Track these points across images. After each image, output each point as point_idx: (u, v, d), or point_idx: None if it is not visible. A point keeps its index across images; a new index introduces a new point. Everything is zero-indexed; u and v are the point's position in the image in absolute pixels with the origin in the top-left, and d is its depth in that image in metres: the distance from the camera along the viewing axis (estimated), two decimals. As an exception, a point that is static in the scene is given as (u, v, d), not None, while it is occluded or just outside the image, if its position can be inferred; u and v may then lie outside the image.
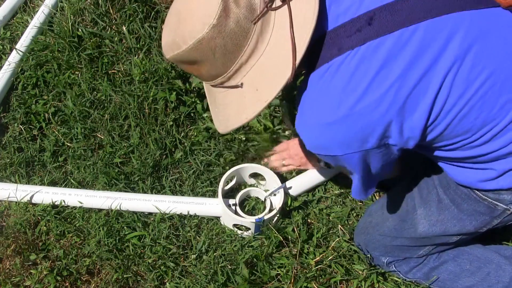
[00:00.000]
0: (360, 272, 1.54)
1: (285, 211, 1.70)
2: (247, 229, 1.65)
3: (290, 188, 1.70)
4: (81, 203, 1.73)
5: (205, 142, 1.88)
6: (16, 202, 1.76)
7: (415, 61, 1.01)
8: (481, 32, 1.03)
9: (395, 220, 1.45)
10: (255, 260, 1.57)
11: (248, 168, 1.73)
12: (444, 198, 1.35)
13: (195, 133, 1.91)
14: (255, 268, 1.57)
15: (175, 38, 1.04)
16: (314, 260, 1.55)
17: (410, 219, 1.41)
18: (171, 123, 1.90)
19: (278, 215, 1.65)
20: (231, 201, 1.68)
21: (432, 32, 1.02)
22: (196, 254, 1.63)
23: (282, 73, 1.04)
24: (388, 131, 1.06)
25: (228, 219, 1.65)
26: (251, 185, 1.77)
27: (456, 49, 1.01)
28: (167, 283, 1.59)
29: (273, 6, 1.05)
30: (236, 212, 1.65)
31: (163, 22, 2.13)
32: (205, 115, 1.94)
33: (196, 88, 1.95)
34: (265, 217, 1.59)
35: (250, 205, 1.74)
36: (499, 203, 1.22)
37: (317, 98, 1.09)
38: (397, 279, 1.54)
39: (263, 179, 1.76)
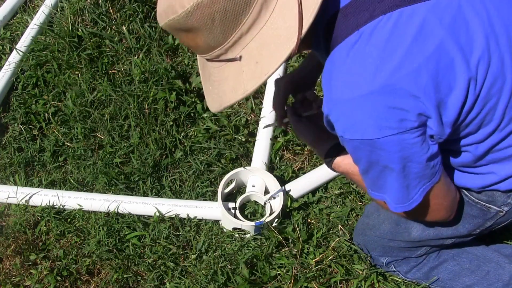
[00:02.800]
0: (360, 272, 1.54)
1: (285, 212, 1.69)
2: (247, 232, 1.65)
3: (289, 191, 1.70)
4: (80, 205, 1.73)
5: (205, 142, 1.89)
6: (16, 204, 1.76)
7: (452, 33, 0.95)
8: (510, 12, 1.00)
9: (390, 224, 1.44)
10: (255, 260, 1.57)
11: (247, 171, 1.73)
12: None
13: (195, 133, 1.91)
14: (255, 268, 1.57)
15: (172, 2, 0.96)
16: (314, 260, 1.55)
17: (404, 223, 1.40)
18: (171, 123, 1.90)
19: (277, 218, 1.65)
20: (231, 205, 1.68)
21: (468, 8, 0.97)
22: (196, 254, 1.63)
23: (286, 44, 0.96)
24: (427, 108, 0.97)
25: (228, 222, 1.65)
26: (251, 190, 1.74)
27: (491, 31, 0.98)
28: (167, 283, 1.59)
29: None
30: (235, 216, 1.65)
31: None
32: (205, 115, 1.94)
33: (196, 88, 1.96)
34: (265, 221, 1.60)
35: (250, 209, 1.74)
36: (492, 206, 1.22)
37: (349, 69, 0.99)
38: (397, 279, 1.54)
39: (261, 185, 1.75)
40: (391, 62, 0.95)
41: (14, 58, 2.11)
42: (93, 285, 1.62)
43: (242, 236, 1.65)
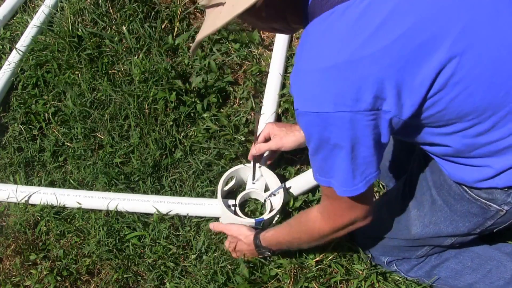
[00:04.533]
0: (360, 272, 1.54)
1: (286, 211, 1.69)
2: None
3: (290, 188, 1.70)
4: (79, 204, 1.73)
5: (205, 142, 1.88)
6: (15, 203, 1.76)
7: (424, 21, 0.97)
8: (493, 11, 1.01)
9: (390, 222, 1.44)
10: (255, 259, 1.57)
11: (247, 168, 1.73)
12: (438, 199, 1.35)
13: (195, 133, 1.91)
14: (255, 268, 1.57)
15: None
16: (314, 260, 1.55)
17: (404, 221, 1.41)
18: (171, 123, 1.90)
19: (278, 216, 1.65)
20: (231, 202, 1.68)
21: None
22: (196, 254, 1.63)
23: None
24: (385, 90, 1.00)
25: (228, 220, 1.64)
26: (251, 187, 1.73)
27: (468, 21, 0.98)
28: (167, 283, 1.59)
29: None
30: (235, 213, 1.64)
31: (163, 22, 2.14)
32: (205, 115, 1.93)
33: (196, 88, 1.96)
34: (265, 218, 1.59)
35: (250, 207, 1.74)
36: (492, 204, 1.21)
37: (317, 41, 1.04)
38: (398, 278, 1.54)
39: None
40: (357, 40, 0.98)
41: (14, 58, 2.11)
42: (93, 285, 1.62)
43: None
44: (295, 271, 1.53)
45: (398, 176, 1.66)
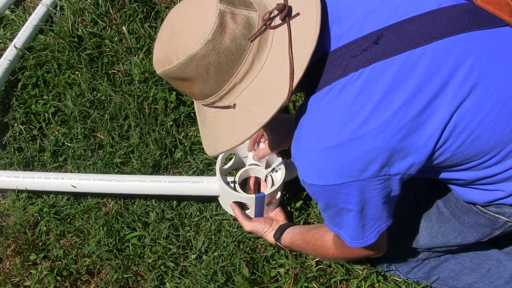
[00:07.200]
0: (360, 272, 1.54)
1: (287, 211, 1.69)
2: (247, 208, 1.59)
3: (292, 163, 1.62)
4: (74, 187, 1.69)
5: (205, 142, 1.88)
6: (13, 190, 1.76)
7: (423, 85, 0.98)
8: (491, 53, 1.01)
9: (397, 228, 1.44)
10: (254, 256, 1.57)
11: (246, 145, 1.65)
12: (445, 211, 1.34)
13: (195, 133, 1.91)
14: (255, 268, 1.57)
15: (167, 53, 1.01)
16: (315, 260, 1.55)
17: (411, 231, 1.41)
18: (171, 123, 1.90)
19: (281, 193, 1.59)
20: (230, 179, 1.61)
21: (441, 55, 0.99)
22: (196, 254, 1.63)
23: (278, 96, 1.00)
24: (391, 159, 1.01)
25: (227, 197, 1.57)
26: (252, 163, 1.66)
27: (467, 71, 0.99)
28: (167, 283, 1.59)
29: (272, 24, 1.00)
30: (235, 190, 1.57)
31: (163, 21, 2.14)
32: (205, 115, 1.93)
33: (196, 88, 1.95)
34: (266, 193, 1.52)
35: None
36: (500, 216, 1.21)
37: (317, 121, 1.04)
38: (397, 278, 1.54)
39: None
40: (358, 118, 0.99)
41: (11, 52, 2.09)
42: (93, 285, 1.62)
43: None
44: (295, 271, 1.53)
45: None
